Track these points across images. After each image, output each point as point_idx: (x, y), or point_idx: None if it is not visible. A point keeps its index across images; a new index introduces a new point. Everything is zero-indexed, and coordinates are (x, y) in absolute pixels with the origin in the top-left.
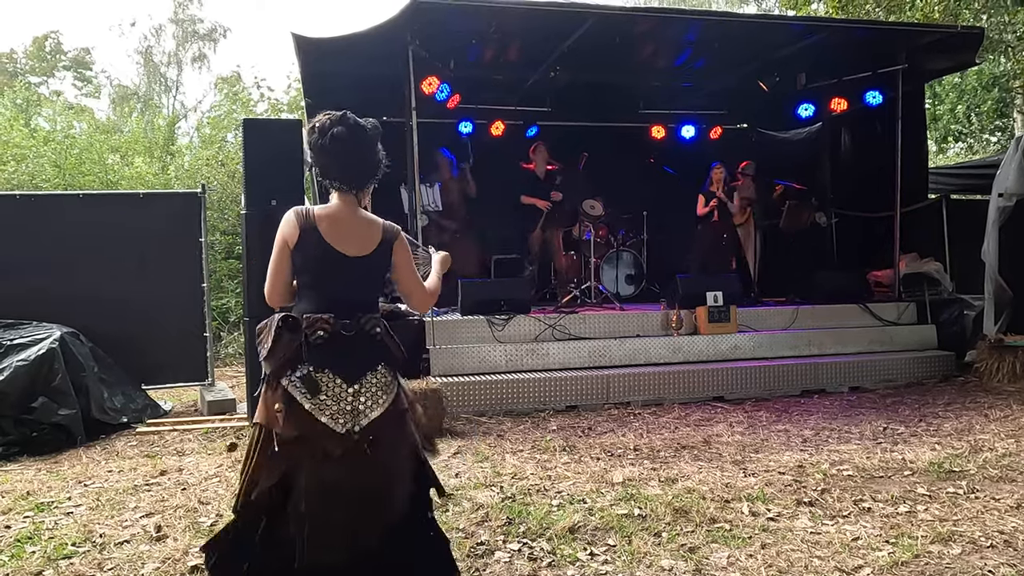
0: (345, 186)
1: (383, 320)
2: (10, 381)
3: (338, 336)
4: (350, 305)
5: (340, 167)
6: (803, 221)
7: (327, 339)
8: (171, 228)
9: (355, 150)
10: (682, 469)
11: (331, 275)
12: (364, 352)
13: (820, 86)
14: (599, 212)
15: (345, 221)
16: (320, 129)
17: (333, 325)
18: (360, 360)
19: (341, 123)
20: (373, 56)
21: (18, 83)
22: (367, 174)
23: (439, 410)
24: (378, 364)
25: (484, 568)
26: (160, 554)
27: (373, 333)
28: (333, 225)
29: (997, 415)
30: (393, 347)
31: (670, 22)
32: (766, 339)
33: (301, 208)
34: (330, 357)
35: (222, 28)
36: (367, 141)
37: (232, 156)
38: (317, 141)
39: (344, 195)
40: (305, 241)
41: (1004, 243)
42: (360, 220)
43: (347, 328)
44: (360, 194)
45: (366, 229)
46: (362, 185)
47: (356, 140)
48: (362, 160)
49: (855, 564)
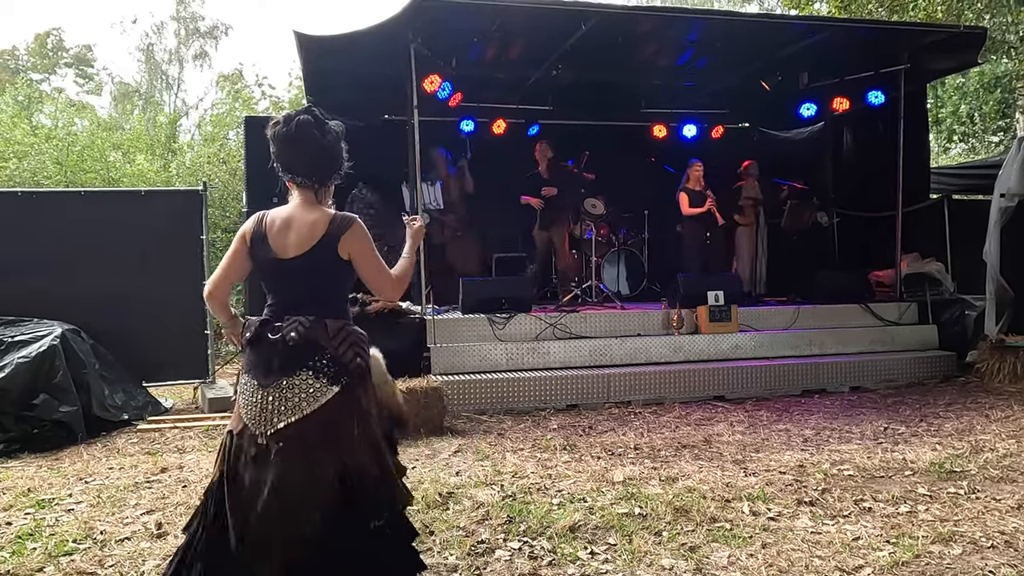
0: (305, 180)
1: (324, 321)
2: (11, 378)
3: (262, 339)
4: (289, 307)
5: (301, 161)
6: (805, 221)
7: (251, 341)
8: (172, 225)
9: (318, 144)
10: (683, 468)
11: (271, 279)
12: (282, 356)
13: (822, 85)
14: (600, 211)
15: (291, 220)
16: (285, 119)
17: (259, 328)
18: (278, 364)
19: (306, 114)
20: (375, 54)
21: (20, 80)
22: (328, 170)
23: (440, 408)
24: (298, 369)
25: (485, 566)
26: (161, 551)
27: (288, 338)
28: (279, 227)
29: (998, 415)
30: (332, 350)
31: (673, 21)
32: (767, 339)
33: (261, 213)
34: (252, 360)
35: (224, 26)
36: (330, 136)
37: (233, 154)
38: (282, 130)
39: (304, 191)
40: (254, 247)
41: (1006, 243)
42: (308, 218)
43: (273, 331)
44: (321, 190)
45: (310, 227)
46: (324, 180)
47: (320, 134)
48: (324, 155)
49: (856, 564)
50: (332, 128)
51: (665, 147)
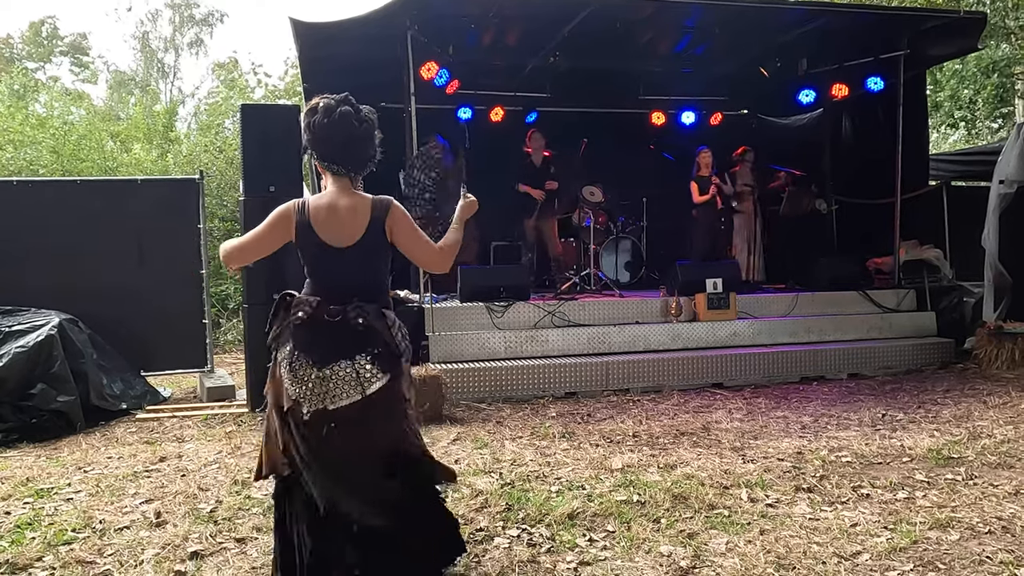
0: (343, 169)
1: (382, 310)
2: (9, 368)
3: (319, 320)
4: (343, 292)
5: (341, 149)
6: (803, 208)
7: (306, 321)
8: (169, 215)
9: (357, 133)
10: (681, 455)
11: (325, 265)
12: (342, 339)
13: (821, 72)
14: (599, 199)
15: (336, 210)
16: (325, 109)
17: (316, 309)
18: (335, 347)
19: (346, 103)
20: (371, 41)
21: (15, 69)
22: (365, 157)
23: (439, 397)
24: (357, 353)
25: (483, 554)
26: (160, 540)
27: (355, 323)
28: (324, 217)
29: (996, 402)
30: (389, 338)
31: (671, 7)
32: (765, 326)
33: (298, 201)
34: (307, 340)
35: (219, 13)
36: (367, 124)
37: (230, 142)
38: (320, 121)
39: (339, 179)
40: (301, 236)
41: (1004, 230)
42: (351, 205)
43: (332, 314)
44: (355, 177)
45: (356, 214)
46: (360, 169)
47: (359, 123)
48: (363, 144)
49: (854, 550)
50: (367, 116)
51: (664, 134)
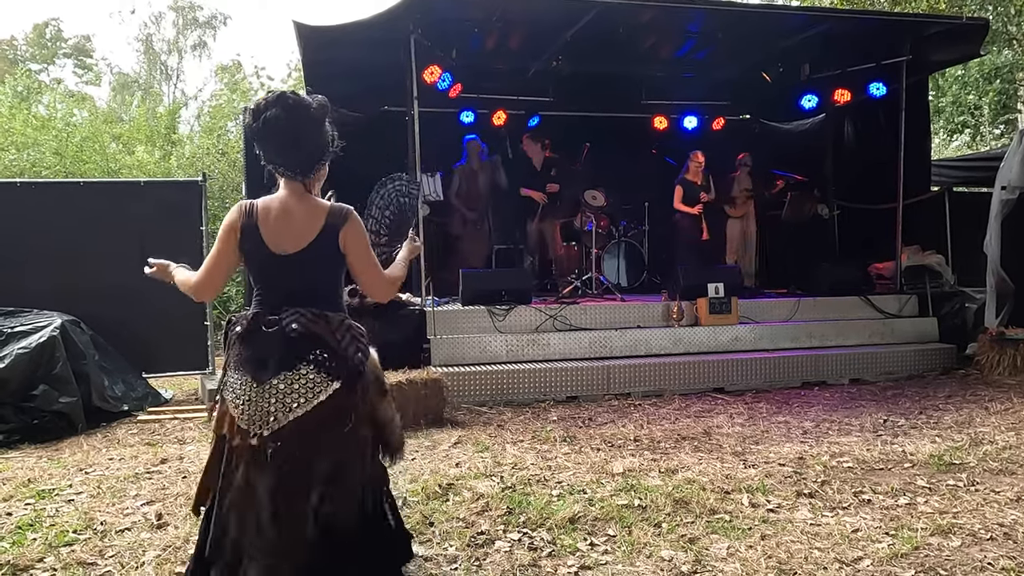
0: (288, 172)
1: (325, 313)
2: (11, 369)
3: (256, 333)
4: (282, 301)
5: (280, 152)
6: (805, 213)
7: (243, 336)
8: (172, 216)
9: (294, 133)
10: (682, 460)
11: (267, 273)
12: (281, 350)
13: (824, 77)
14: (601, 203)
15: (286, 214)
16: (254, 112)
17: (252, 321)
18: (276, 358)
19: (277, 104)
20: (374, 45)
21: (19, 70)
22: (312, 159)
23: (440, 400)
24: (299, 363)
25: (484, 557)
26: (161, 542)
27: (289, 330)
28: (273, 220)
29: (997, 408)
30: (333, 342)
31: (674, 12)
32: (767, 330)
33: (246, 203)
34: (246, 355)
35: (222, 16)
36: (310, 122)
37: (232, 145)
38: (251, 125)
39: (289, 181)
40: (246, 239)
41: (1006, 236)
42: (302, 210)
43: (268, 324)
44: (308, 180)
45: (306, 220)
46: (307, 171)
47: (296, 122)
48: (304, 144)
49: (855, 556)
50: (312, 114)
51: (666, 138)
